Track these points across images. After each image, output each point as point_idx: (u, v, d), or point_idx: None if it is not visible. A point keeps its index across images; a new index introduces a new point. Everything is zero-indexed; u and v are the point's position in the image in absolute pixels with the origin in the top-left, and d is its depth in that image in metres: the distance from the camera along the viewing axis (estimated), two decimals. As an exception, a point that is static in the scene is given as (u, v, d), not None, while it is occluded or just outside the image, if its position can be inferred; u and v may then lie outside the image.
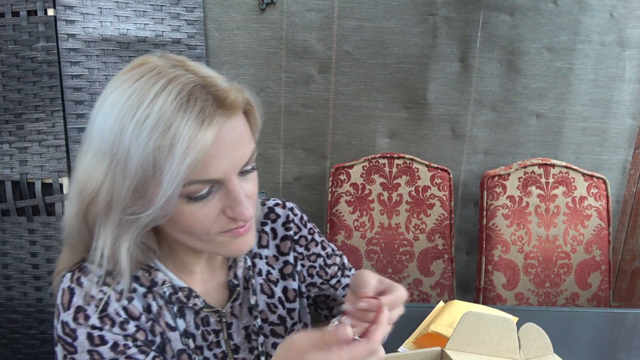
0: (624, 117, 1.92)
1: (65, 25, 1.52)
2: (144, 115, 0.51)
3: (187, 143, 0.50)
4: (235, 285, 0.70)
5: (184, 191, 0.53)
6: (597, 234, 1.72)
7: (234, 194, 0.56)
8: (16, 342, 1.67)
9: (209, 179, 0.54)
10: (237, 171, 0.56)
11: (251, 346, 0.72)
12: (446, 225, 1.76)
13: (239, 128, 0.57)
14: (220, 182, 0.56)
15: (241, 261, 0.71)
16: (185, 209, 0.55)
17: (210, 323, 0.69)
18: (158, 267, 0.65)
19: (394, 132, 1.89)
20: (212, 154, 0.53)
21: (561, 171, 1.73)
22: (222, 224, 0.58)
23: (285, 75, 1.80)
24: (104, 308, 0.60)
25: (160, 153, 0.50)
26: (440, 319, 1.07)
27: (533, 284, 1.71)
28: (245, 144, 0.57)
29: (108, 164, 0.53)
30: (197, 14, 1.66)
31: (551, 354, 0.81)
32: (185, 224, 0.56)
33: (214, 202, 0.56)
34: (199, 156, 0.51)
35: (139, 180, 0.52)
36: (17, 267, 1.62)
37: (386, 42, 1.79)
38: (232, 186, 0.56)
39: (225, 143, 0.54)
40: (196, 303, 0.66)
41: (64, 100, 1.55)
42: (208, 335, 0.69)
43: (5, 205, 1.58)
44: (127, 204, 0.54)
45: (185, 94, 0.52)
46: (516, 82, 1.87)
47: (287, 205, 0.80)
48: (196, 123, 0.51)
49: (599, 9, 1.81)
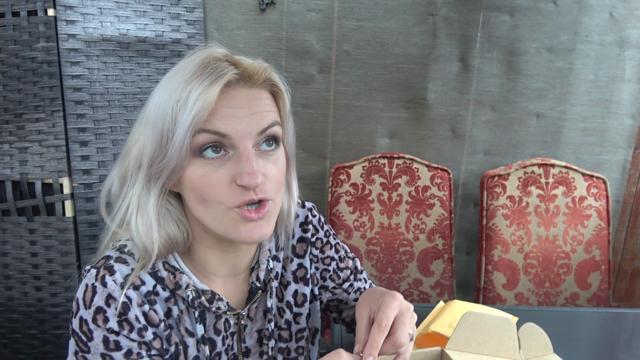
0: (624, 117, 1.92)
1: (65, 25, 1.52)
2: (173, 80, 0.59)
3: (198, 95, 0.56)
4: (258, 288, 0.69)
5: (195, 141, 0.57)
6: (597, 234, 1.72)
7: (244, 157, 0.57)
8: (16, 342, 1.67)
9: (217, 131, 0.57)
10: (250, 136, 0.58)
11: (261, 350, 0.71)
12: (446, 225, 1.76)
13: (258, 99, 0.60)
14: (232, 144, 0.58)
15: (264, 264, 0.70)
16: (198, 170, 0.58)
17: (231, 326, 0.68)
18: (183, 269, 0.65)
19: (394, 132, 1.89)
20: (223, 109, 0.57)
21: (561, 171, 1.73)
22: (234, 194, 0.57)
23: (285, 75, 1.79)
24: (125, 312, 0.58)
25: (178, 105, 0.56)
26: (440, 319, 1.07)
27: (533, 284, 1.71)
28: (263, 113, 0.60)
29: (143, 124, 0.61)
30: (197, 14, 1.66)
31: (551, 354, 0.81)
32: (199, 187, 0.58)
33: (227, 167, 0.58)
34: (205, 105, 0.55)
35: (161, 131, 0.57)
36: (17, 267, 1.62)
37: (386, 42, 1.79)
38: (243, 149, 0.58)
39: (240, 104, 0.58)
40: (220, 307, 0.65)
41: (64, 100, 1.55)
42: (226, 340, 0.68)
43: (5, 205, 1.58)
44: (153, 155, 0.58)
45: (210, 61, 0.58)
46: (516, 82, 1.87)
47: (306, 205, 0.79)
48: (209, 81, 0.56)
49: (599, 9, 1.81)
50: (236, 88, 0.59)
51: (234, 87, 0.59)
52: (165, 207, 0.63)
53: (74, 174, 1.58)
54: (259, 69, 0.62)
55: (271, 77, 0.64)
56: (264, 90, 0.62)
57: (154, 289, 0.62)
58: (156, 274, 0.63)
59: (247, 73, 0.60)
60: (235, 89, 0.59)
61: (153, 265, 0.62)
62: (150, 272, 0.62)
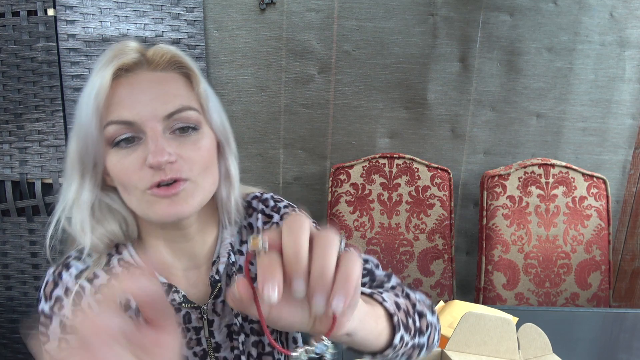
0: (624, 117, 1.92)
1: (65, 25, 1.52)
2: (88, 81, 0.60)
3: (95, 81, 0.58)
4: (216, 281, 0.68)
5: (107, 134, 0.58)
6: (597, 234, 1.72)
7: (150, 139, 0.57)
8: (16, 342, 1.67)
9: (122, 120, 0.57)
10: (157, 119, 0.58)
11: (232, 345, 0.70)
12: (446, 225, 1.76)
13: (165, 81, 0.61)
14: (141, 129, 0.58)
15: (224, 257, 0.69)
16: (114, 158, 0.59)
17: (192, 320, 0.67)
18: (137, 264, 0.65)
19: (394, 132, 1.89)
20: (127, 97, 0.58)
21: (561, 171, 1.73)
22: (146, 176, 0.58)
23: (285, 75, 1.80)
24: (78, 300, 0.62)
25: (85, 96, 0.59)
26: (440, 319, 1.07)
27: (533, 284, 1.71)
28: (171, 95, 0.60)
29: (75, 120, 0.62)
30: (197, 14, 1.66)
31: (550, 354, 0.81)
32: (116, 174, 0.59)
33: (139, 152, 0.58)
34: (102, 88, 0.57)
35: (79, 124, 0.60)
36: (17, 267, 1.62)
37: (386, 42, 1.79)
38: (149, 132, 0.58)
39: (142, 89, 0.59)
40: (174, 298, 0.65)
41: (64, 100, 1.55)
42: (187, 332, 0.68)
43: (5, 205, 1.58)
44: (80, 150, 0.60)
45: (115, 51, 0.60)
46: (516, 82, 1.86)
47: (262, 196, 0.76)
48: (105, 66, 0.58)
49: (599, 9, 1.81)
50: (138, 73, 0.60)
51: (136, 72, 0.60)
52: (105, 202, 0.64)
53: (74, 174, 1.58)
54: (161, 51, 0.62)
55: (177, 59, 0.63)
56: (173, 72, 0.62)
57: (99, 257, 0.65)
58: (111, 271, 0.65)
59: (147, 56, 0.61)
60: (137, 73, 0.60)
61: (108, 261, 0.65)
62: (105, 268, 0.65)
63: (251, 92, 1.80)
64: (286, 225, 0.39)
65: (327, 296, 0.38)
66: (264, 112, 1.82)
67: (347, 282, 0.38)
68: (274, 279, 0.37)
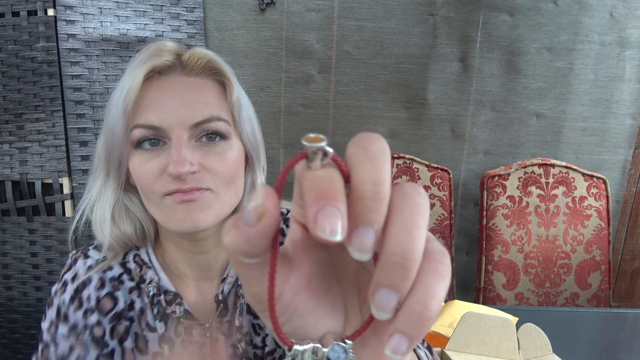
0: (624, 117, 1.92)
1: (65, 25, 1.52)
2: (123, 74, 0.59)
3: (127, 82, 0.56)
4: (220, 301, 0.64)
5: (132, 137, 0.57)
6: (597, 234, 1.72)
7: (174, 147, 0.55)
8: (16, 342, 1.67)
9: (149, 125, 0.56)
10: (184, 126, 0.56)
11: None
12: (446, 225, 1.76)
13: (197, 87, 0.58)
14: (166, 135, 0.56)
15: (232, 277, 0.65)
16: (136, 160, 0.58)
17: (194, 334, 0.63)
18: (152, 264, 0.65)
19: (394, 132, 1.89)
20: (156, 101, 0.56)
21: (561, 171, 1.73)
22: (164, 183, 0.56)
23: (285, 75, 1.80)
24: (80, 289, 0.63)
25: (116, 95, 0.57)
26: (440, 319, 1.07)
27: (533, 284, 1.71)
28: (201, 104, 0.57)
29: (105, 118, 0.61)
30: (197, 14, 1.66)
31: (550, 354, 0.81)
32: (137, 177, 0.58)
33: (161, 158, 0.56)
34: (132, 89, 0.55)
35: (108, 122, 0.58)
36: (17, 267, 1.62)
37: (386, 42, 1.79)
38: (175, 139, 0.56)
39: (173, 93, 0.57)
40: (175, 311, 0.61)
41: (64, 100, 1.55)
42: (190, 345, 0.65)
43: (5, 205, 1.58)
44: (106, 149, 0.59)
45: (152, 51, 0.59)
46: (516, 82, 1.86)
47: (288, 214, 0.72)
48: (138, 66, 0.57)
49: (599, 9, 1.81)
50: (171, 76, 0.58)
51: (169, 75, 0.58)
52: (125, 203, 0.63)
53: (73, 174, 1.58)
54: (197, 55, 0.60)
55: (213, 65, 0.60)
56: (207, 79, 0.60)
57: (120, 277, 0.64)
58: (125, 265, 0.65)
59: (182, 59, 0.59)
60: (170, 76, 0.58)
61: (125, 256, 0.65)
62: (121, 262, 0.65)
63: (251, 92, 1.80)
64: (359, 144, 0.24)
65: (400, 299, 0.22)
66: (264, 112, 1.82)
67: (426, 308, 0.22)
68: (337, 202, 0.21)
